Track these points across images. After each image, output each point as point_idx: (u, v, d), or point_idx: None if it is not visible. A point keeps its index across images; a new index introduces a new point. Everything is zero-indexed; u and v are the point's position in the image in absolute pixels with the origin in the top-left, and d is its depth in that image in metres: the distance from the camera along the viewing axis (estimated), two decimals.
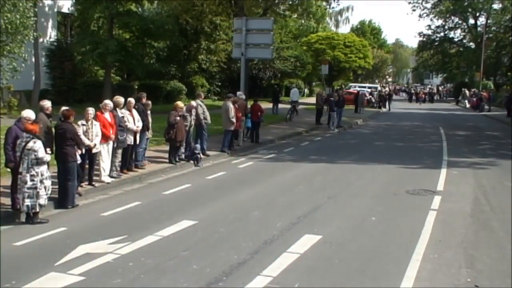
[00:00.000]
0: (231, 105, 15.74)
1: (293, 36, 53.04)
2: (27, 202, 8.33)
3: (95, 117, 10.86)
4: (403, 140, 21.55)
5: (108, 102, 11.41)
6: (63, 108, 10.10)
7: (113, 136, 11.08)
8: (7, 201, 8.98)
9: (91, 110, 10.46)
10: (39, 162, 8.41)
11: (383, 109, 41.26)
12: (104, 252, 7.14)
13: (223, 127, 15.89)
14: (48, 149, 8.96)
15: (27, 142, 8.36)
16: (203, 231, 8.09)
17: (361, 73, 65.36)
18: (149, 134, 13.17)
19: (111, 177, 11.21)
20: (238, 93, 18.43)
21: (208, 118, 15.08)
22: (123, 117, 11.58)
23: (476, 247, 7.92)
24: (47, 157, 8.65)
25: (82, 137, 10.00)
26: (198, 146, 14.39)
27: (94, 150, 10.49)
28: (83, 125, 10.22)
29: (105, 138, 10.91)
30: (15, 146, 8.60)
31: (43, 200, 8.51)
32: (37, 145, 8.39)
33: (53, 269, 6.50)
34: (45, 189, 8.53)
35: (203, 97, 16.05)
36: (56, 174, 9.60)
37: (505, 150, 18.93)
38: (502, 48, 53.64)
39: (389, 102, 43.14)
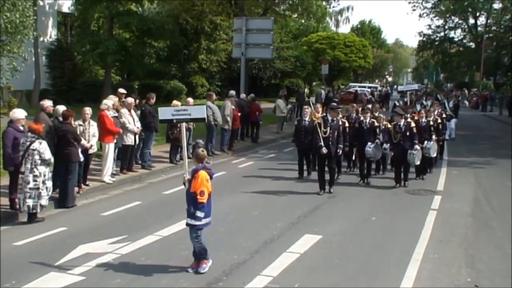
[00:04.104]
0: (228, 104, 15.74)
1: (293, 36, 52.98)
2: (29, 202, 8.32)
3: (100, 117, 10.89)
4: None
5: (109, 102, 11.44)
6: (60, 107, 10.06)
7: (120, 131, 11.19)
8: (6, 201, 8.96)
9: (88, 110, 10.40)
10: (43, 162, 8.40)
11: (383, 109, 41.22)
12: (104, 252, 7.14)
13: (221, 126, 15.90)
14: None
15: (32, 142, 8.33)
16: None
17: (361, 73, 65.31)
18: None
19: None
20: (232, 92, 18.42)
21: (219, 119, 15.05)
22: (116, 117, 11.53)
23: (476, 247, 7.92)
24: (52, 158, 8.63)
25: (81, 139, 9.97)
26: (201, 142, 14.37)
27: (90, 151, 10.47)
28: (79, 125, 10.17)
29: (111, 137, 10.93)
30: (15, 147, 8.58)
31: (44, 201, 8.52)
32: (43, 146, 8.37)
33: (53, 269, 6.51)
34: (47, 190, 8.53)
35: (214, 98, 15.92)
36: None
37: (504, 149, 18.93)
38: (502, 48, 53.65)
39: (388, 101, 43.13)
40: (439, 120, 14.30)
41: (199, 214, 6.40)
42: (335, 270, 6.76)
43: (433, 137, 13.10)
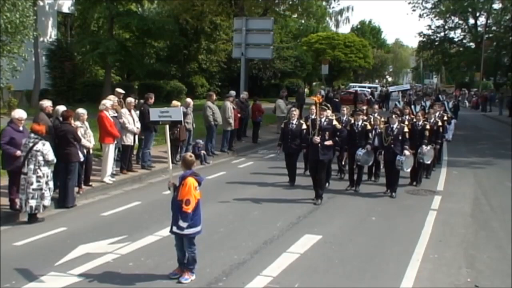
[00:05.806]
0: (229, 105, 15.73)
1: (293, 36, 53.08)
2: (32, 203, 8.31)
3: (99, 118, 10.90)
4: None
5: (108, 102, 11.43)
6: (60, 107, 10.05)
7: (119, 135, 11.17)
8: (6, 201, 8.96)
9: (83, 111, 10.38)
10: (46, 164, 8.39)
11: (383, 109, 41.26)
12: (104, 252, 7.14)
13: (222, 127, 15.90)
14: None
15: (35, 143, 8.32)
16: (203, 231, 8.07)
17: (361, 73, 65.37)
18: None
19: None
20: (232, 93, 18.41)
21: (219, 119, 15.04)
22: (115, 116, 11.52)
23: (476, 247, 7.92)
24: (55, 159, 8.63)
25: (82, 139, 9.97)
26: (200, 142, 14.36)
27: (90, 151, 10.51)
28: (80, 127, 10.15)
29: (111, 138, 10.94)
30: (14, 146, 8.56)
31: (47, 201, 8.52)
32: (46, 147, 8.36)
33: (53, 269, 6.51)
34: (49, 190, 8.55)
35: (214, 98, 15.86)
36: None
37: (504, 149, 18.93)
38: (502, 48, 53.59)
39: (388, 101, 43.15)
40: (440, 123, 13.25)
41: (181, 223, 6.10)
42: (335, 270, 6.76)
43: (426, 141, 11.97)
